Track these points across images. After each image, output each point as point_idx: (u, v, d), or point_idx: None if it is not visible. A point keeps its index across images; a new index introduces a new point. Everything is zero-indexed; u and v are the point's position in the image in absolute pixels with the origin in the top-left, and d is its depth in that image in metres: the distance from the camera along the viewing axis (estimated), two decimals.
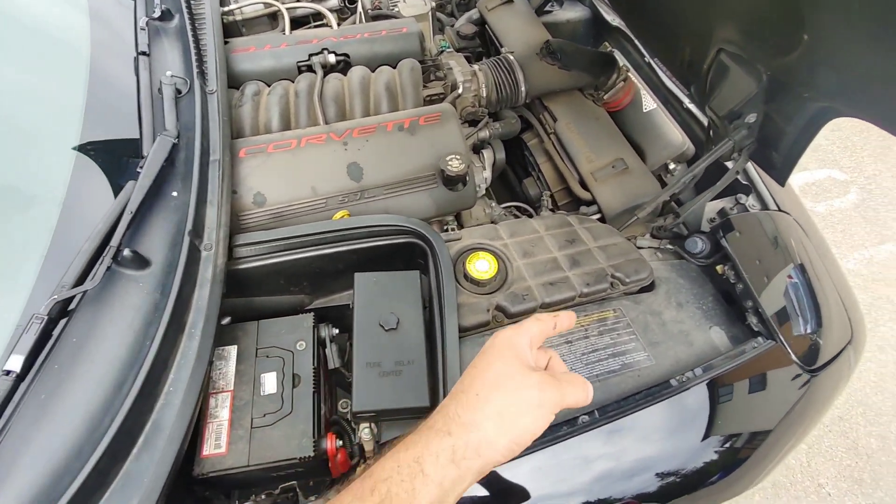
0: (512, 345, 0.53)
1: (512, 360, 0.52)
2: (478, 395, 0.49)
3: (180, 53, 1.07)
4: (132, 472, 0.64)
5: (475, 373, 0.52)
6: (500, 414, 0.48)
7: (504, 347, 0.53)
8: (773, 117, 0.96)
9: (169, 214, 0.84)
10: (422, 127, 1.08)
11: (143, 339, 0.71)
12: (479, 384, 0.51)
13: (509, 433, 0.48)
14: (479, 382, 0.51)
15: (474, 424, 0.48)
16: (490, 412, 0.48)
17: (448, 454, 0.46)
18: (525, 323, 0.56)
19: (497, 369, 0.51)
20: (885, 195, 2.58)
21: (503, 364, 0.52)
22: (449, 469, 0.46)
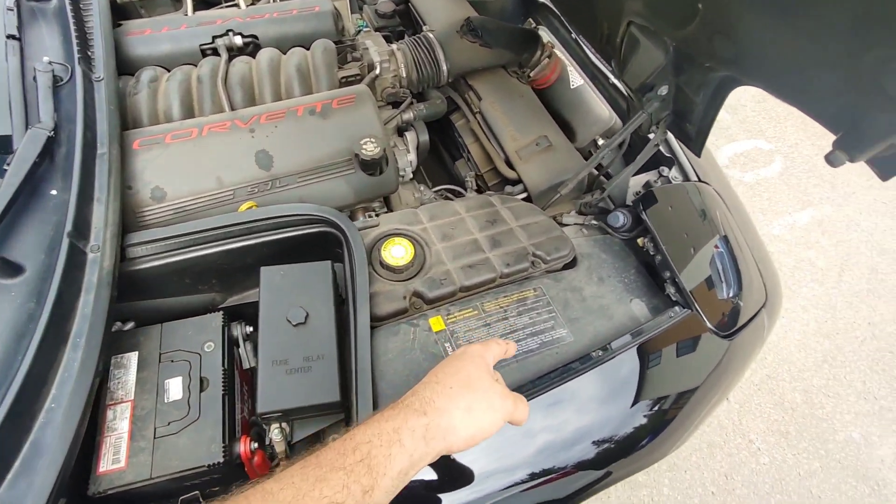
0: (482, 355, 0.62)
1: (482, 367, 0.60)
2: (451, 388, 0.56)
3: (60, 37, 0.97)
4: (6, 501, 0.58)
5: (449, 370, 0.59)
6: (470, 409, 0.55)
7: (476, 356, 0.61)
8: (683, 89, 0.97)
9: (46, 215, 0.76)
10: (335, 110, 1.03)
11: (15, 354, 0.64)
12: (453, 380, 0.57)
13: (472, 426, 0.55)
14: (453, 379, 0.57)
15: (447, 411, 0.54)
16: (461, 404, 0.55)
17: (422, 431, 0.52)
18: (489, 343, 0.65)
19: (470, 372, 0.58)
20: (805, 162, 2.72)
21: (475, 369, 0.59)
22: (420, 444, 0.51)
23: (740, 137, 2.79)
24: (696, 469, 1.71)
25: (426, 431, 0.52)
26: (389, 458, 0.49)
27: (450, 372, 0.58)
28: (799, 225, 2.45)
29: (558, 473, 0.84)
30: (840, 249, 2.38)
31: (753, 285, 1.08)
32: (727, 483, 1.69)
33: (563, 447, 0.86)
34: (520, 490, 0.80)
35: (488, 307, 0.86)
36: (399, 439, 0.50)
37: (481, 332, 0.82)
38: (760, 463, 1.75)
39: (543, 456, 0.84)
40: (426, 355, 0.79)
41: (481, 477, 0.78)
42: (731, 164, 2.67)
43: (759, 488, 1.69)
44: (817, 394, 1.94)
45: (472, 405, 0.55)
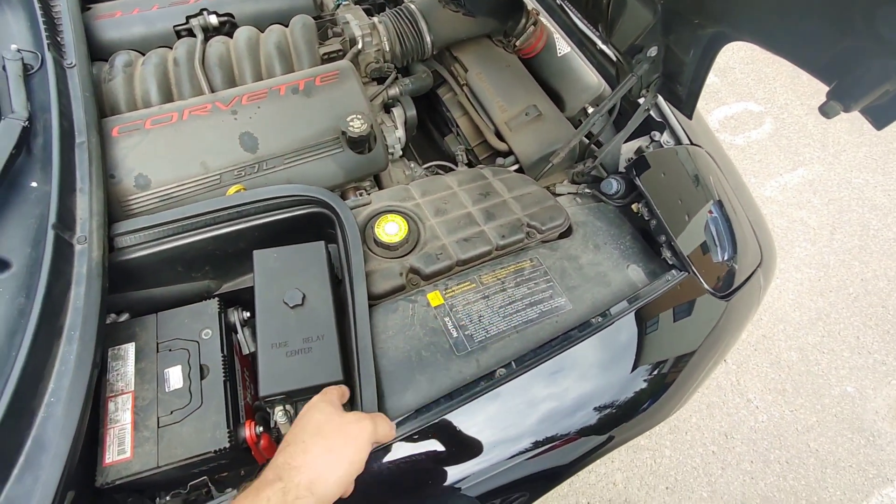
0: (323, 399, 0.63)
1: (326, 408, 0.61)
2: (304, 442, 0.56)
3: (27, 23, 0.93)
4: (14, 497, 0.58)
5: (298, 428, 0.59)
6: (329, 450, 0.56)
7: (317, 402, 0.62)
8: (672, 49, 0.95)
9: (28, 208, 0.74)
10: (318, 87, 1.00)
11: (9, 351, 0.63)
12: (303, 434, 0.57)
13: (339, 467, 0.55)
14: (303, 433, 0.58)
15: (305, 466, 0.54)
16: (318, 452, 0.55)
17: (279, 497, 0.51)
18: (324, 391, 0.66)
19: (316, 419, 0.59)
20: (795, 122, 2.71)
21: (320, 413, 0.60)
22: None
23: (730, 101, 2.77)
24: (697, 430, 1.74)
25: (284, 495, 0.51)
26: None
27: (298, 429, 0.59)
28: (790, 185, 2.46)
29: (562, 440, 0.85)
30: (832, 208, 2.40)
31: (748, 246, 1.09)
32: (727, 442, 1.73)
33: (566, 414, 0.86)
34: (525, 458, 0.81)
35: (486, 279, 0.85)
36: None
37: (480, 305, 0.82)
38: (759, 421, 1.78)
39: (547, 424, 0.84)
40: (426, 330, 0.78)
41: (488, 446, 0.79)
42: (722, 127, 2.66)
43: (759, 445, 1.73)
44: (812, 351, 1.97)
45: (330, 447, 0.56)
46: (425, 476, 0.76)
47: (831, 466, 1.72)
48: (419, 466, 0.75)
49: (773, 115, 2.73)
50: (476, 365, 0.77)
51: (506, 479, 0.80)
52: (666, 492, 1.62)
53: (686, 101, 1.03)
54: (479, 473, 0.78)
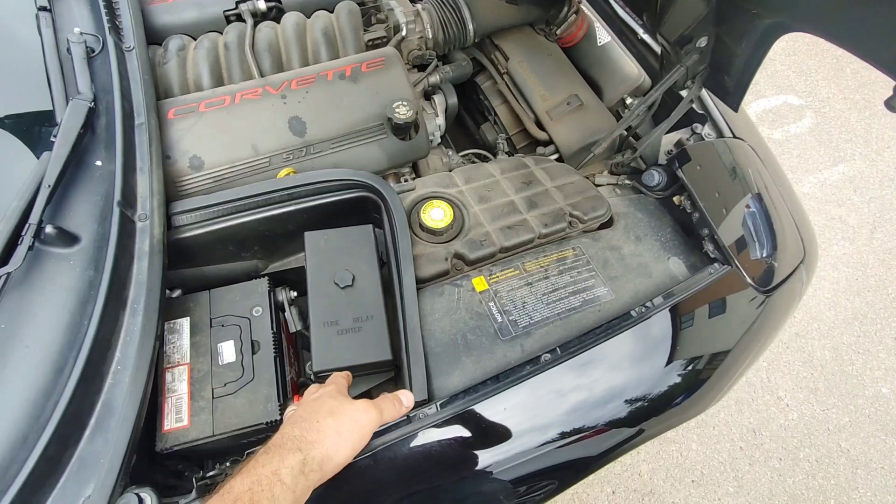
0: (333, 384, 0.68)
1: (337, 395, 0.66)
2: (318, 421, 0.61)
3: (88, 7, 0.96)
4: (86, 456, 0.62)
5: (310, 408, 0.64)
6: (339, 433, 0.61)
7: (328, 389, 0.68)
8: (723, 39, 0.94)
9: (95, 185, 0.77)
10: (365, 74, 1.01)
11: (81, 320, 0.67)
12: (317, 414, 0.62)
13: (345, 447, 0.61)
14: (317, 413, 0.62)
15: (319, 443, 0.59)
16: (330, 433, 0.60)
17: (299, 466, 0.56)
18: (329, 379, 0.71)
19: (329, 404, 0.64)
20: (837, 117, 2.62)
21: (332, 399, 0.65)
22: (300, 478, 0.56)
23: (769, 93, 2.69)
24: (724, 425, 1.73)
25: (303, 466, 0.56)
26: (273, 498, 0.53)
27: (311, 410, 0.63)
28: (830, 182, 2.39)
29: (592, 431, 0.85)
30: (872, 206, 2.32)
31: (790, 242, 1.07)
32: (755, 438, 1.71)
33: (597, 405, 0.87)
34: (555, 447, 0.82)
35: (529, 267, 0.86)
36: (279, 479, 0.54)
37: (524, 291, 0.83)
38: (789, 418, 1.76)
39: (577, 414, 0.85)
40: (471, 314, 0.80)
41: (517, 434, 0.80)
42: (760, 121, 2.59)
43: (788, 443, 1.71)
44: (847, 350, 1.93)
45: (340, 430, 0.61)
46: (461, 457, 0.78)
47: (863, 467, 1.69)
48: (456, 447, 0.77)
49: (813, 109, 2.65)
50: (521, 350, 0.78)
51: (535, 467, 0.81)
52: (692, 485, 1.62)
53: (733, 93, 1.01)
54: (509, 459, 0.79)
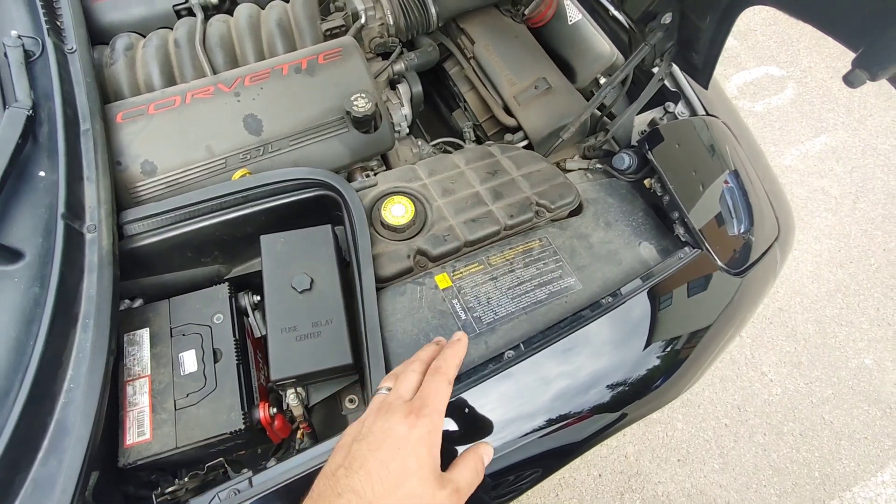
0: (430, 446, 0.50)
1: (429, 475, 0.48)
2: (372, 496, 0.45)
3: (26, 8, 0.92)
4: (40, 478, 0.60)
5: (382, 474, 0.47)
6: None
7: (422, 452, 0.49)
8: (688, 15, 0.91)
9: (37, 198, 0.74)
10: (322, 66, 0.98)
11: (27, 339, 0.65)
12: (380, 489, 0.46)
13: None
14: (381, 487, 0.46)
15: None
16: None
17: None
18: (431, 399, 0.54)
19: (411, 487, 0.47)
20: (819, 87, 2.60)
21: (419, 482, 0.47)
22: None
23: (750, 65, 2.66)
24: (710, 403, 1.75)
25: None
26: None
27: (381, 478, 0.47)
28: (812, 153, 2.38)
29: (575, 418, 0.85)
30: (855, 176, 2.32)
31: (765, 219, 1.06)
32: (740, 415, 1.73)
33: (579, 392, 0.86)
34: (538, 436, 0.82)
35: (494, 260, 0.84)
36: None
37: (488, 286, 0.82)
38: (773, 394, 1.78)
39: (560, 402, 0.85)
40: (434, 313, 0.78)
41: (500, 425, 0.80)
42: (741, 94, 2.57)
43: (772, 417, 1.73)
44: (830, 323, 1.94)
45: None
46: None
47: (846, 438, 1.71)
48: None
49: (795, 80, 2.63)
50: (485, 347, 0.77)
51: (519, 457, 0.81)
52: (677, 464, 1.63)
53: (702, 69, 0.99)
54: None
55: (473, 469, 0.54)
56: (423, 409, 0.52)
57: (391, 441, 0.49)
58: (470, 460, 0.55)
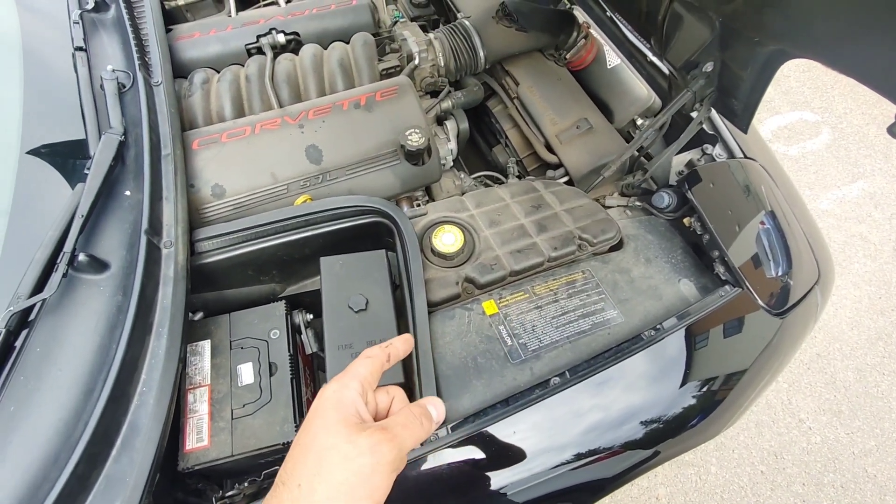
0: (336, 403, 0.48)
1: (335, 426, 0.46)
2: (300, 486, 0.43)
3: (120, 45, 1.02)
4: (113, 475, 0.65)
5: (297, 453, 0.46)
6: (330, 500, 0.42)
7: (327, 409, 0.47)
8: (729, 65, 0.95)
9: (124, 214, 0.82)
10: (379, 103, 1.05)
11: (109, 343, 0.70)
12: (302, 470, 0.44)
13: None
14: (302, 467, 0.45)
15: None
16: (316, 499, 0.42)
17: None
18: (350, 368, 0.52)
19: (321, 443, 0.45)
20: (855, 133, 2.59)
21: (326, 434, 0.45)
22: None
23: (784, 109, 2.68)
24: (745, 448, 1.70)
25: None
26: None
27: (297, 455, 0.46)
28: (849, 198, 2.36)
29: (607, 453, 0.85)
30: (895, 223, 2.28)
31: (804, 262, 1.06)
32: (777, 462, 1.67)
33: (612, 426, 0.87)
34: (570, 468, 0.82)
35: (538, 290, 0.88)
36: None
37: (533, 315, 0.85)
38: (812, 442, 1.72)
39: (592, 435, 0.85)
40: (482, 337, 0.81)
41: (532, 455, 0.81)
42: (775, 137, 2.58)
43: (811, 467, 1.67)
44: (871, 372, 1.88)
45: (331, 495, 0.42)
46: (474, 479, 0.79)
47: (891, 494, 1.64)
48: (468, 470, 0.78)
49: (830, 125, 2.63)
50: (530, 373, 0.79)
51: (550, 489, 0.82)
52: None
53: (741, 115, 1.02)
54: (524, 481, 0.80)
55: (410, 414, 0.50)
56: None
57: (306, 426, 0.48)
58: (408, 406, 0.53)
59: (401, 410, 0.52)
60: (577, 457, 0.83)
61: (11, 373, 0.65)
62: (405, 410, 0.51)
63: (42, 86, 0.93)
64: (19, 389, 0.64)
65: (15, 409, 0.63)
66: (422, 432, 0.50)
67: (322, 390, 0.50)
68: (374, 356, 0.54)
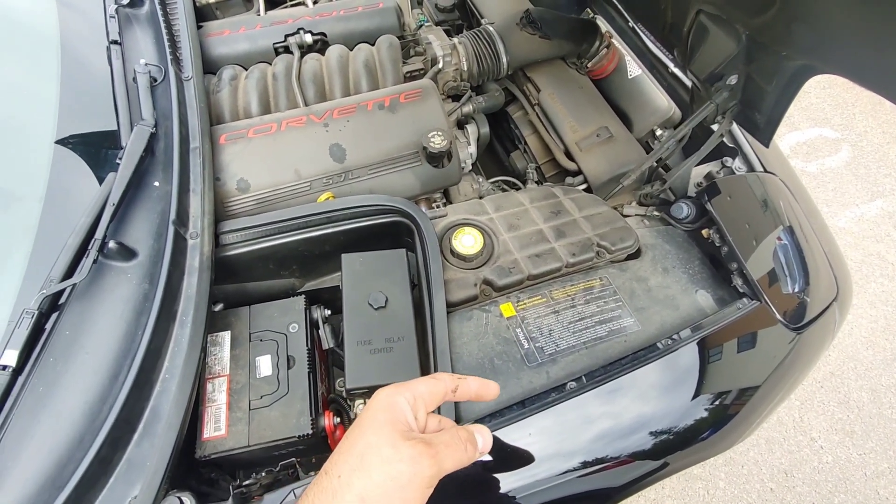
0: (388, 407, 0.48)
1: (384, 427, 0.46)
2: (340, 477, 0.44)
3: (153, 40, 1.05)
4: (134, 458, 0.66)
5: (344, 447, 0.47)
6: (363, 499, 0.42)
7: (379, 410, 0.48)
8: (753, 78, 0.96)
9: (152, 204, 0.84)
10: (403, 104, 1.07)
11: (135, 330, 0.72)
12: (343, 463, 0.45)
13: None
14: (344, 460, 0.46)
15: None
16: (350, 499, 0.43)
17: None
18: (414, 381, 0.52)
19: (367, 441, 0.46)
20: (875, 151, 2.57)
21: (374, 434, 0.46)
22: None
23: (804, 126, 2.66)
24: (754, 464, 1.68)
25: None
26: None
27: (343, 449, 0.47)
28: (867, 217, 2.33)
29: (615, 462, 0.85)
30: None
31: (822, 278, 1.06)
32: (787, 480, 1.65)
33: (621, 435, 0.87)
34: (577, 475, 0.82)
35: (556, 295, 0.88)
36: None
37: (551, 319, 0.85)
38: (823, 461, 1.70)
39: (601, 443, 0.85)
40: (499, 339, 0.82)
41: (542, 459, 0.81)
42: (793, 153, 2.56)
43: (822, 487, 1.65)
44: (886, 393, 1.85)
45: (365, 493, 0.43)
46: (483, 481, 0.79)
47: None
48: (478, 471, 0.78)
49: (850, 143, 2.60)
50: (546, 377, 0.79)
51: (556, 495, 0.81)
52: None
53: (764, 128, 1.02)
54: (529, 486, 0.79)
55: (456, 437, 0.49)
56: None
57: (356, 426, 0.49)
58: (456, 429, 0.52)
59: (447, 430, 0.51)
60: (585, 464, 0.82)
61: (42, 354, 0.67)
62: (452, 431, 0.51)
63: (77, 78, 0.95)
64: (49, 371, 0.66)
65: (44, 389, 0.65)
66: (465, 457, 0.49)
67: (376, 393, 0.51)
68: (440, 379, 0.54)
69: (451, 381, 0.54)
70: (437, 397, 0.53)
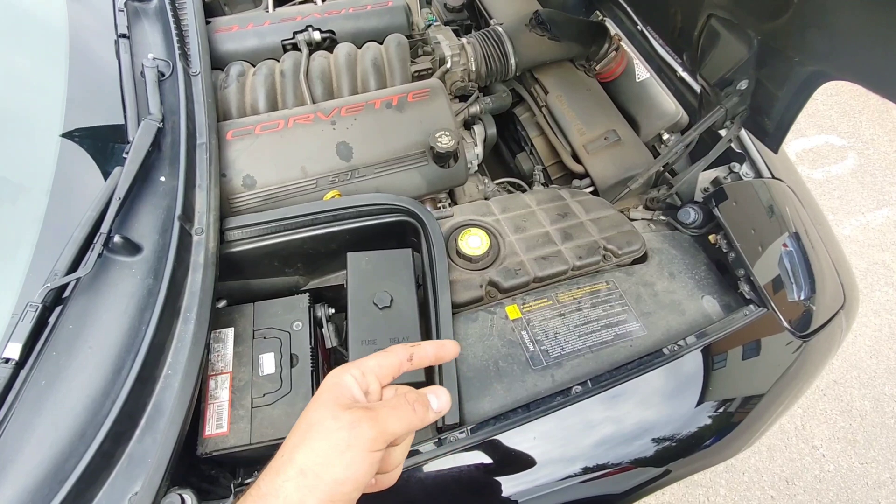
0: (332, 386, 0.48)
1: (326, 403, 0.46)
2: (283, 456, 0.44)
3: (161, 35, 1.05)
4: (136, 454, 0.65)
5: (292, 431, 0.47)
6: (302, 472, 0.42)
7: (324, 391, 0.48)
8: (764, 83, 0.95)
9: (158, 200, 0.83)
10: (410, 104, 1.06)
11: (139, 325, 0.71)
12: (288, 441, 0.46)
13: (315, 490, 0.42)
14: (289, 439, 0.46)
15: (272, 493, 0.42)
16: (291, 473, 0.42)
17: None
18: (363, 359, 0.52)
19: (309, 419, 0.46)
20: (882, 160, 2.56)
21: (316, 411, 0.46)
22: None
23: (810, 132, 2.65)
24: (755, 472, 1.67)
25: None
26: None
27: (290, 434, 0.47)
28: (873, 225, 2.32)
29: (617, 468, 0.84)
30: None
31: (828, 286, 1.05)
32: (788, 488, 1.64)
33: (623, 441, 0.86)
34: (577, 481, 0.81)
35: (562, 298, 0.88)
36: None
37: (556, 322, 0.84)
38: (825, 470, 1.69)
39: (603, 449, 0.85)
40: (504, 342, 0.81)
41: (543, 464, 0.80)
42: (800, 160, 2.55)
43: (823, 496, 1.64)
44: (889, 402, 1.84)
45: (305, 465, 0.42)
46: (485, 485, 0.79)
47: None
48: (479, 474, 0.77)
49: (856, 151, 2.59)
50: (551, 380, 0.79)
51: (557, 500, 0.81)
52: None
53: (773, 134, 1.01)
54: (530, 490, 0.79)
55: (401, 398, 0.49)
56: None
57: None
58: (402, 391, 0.51)
59: (395, 395, 0.51)
60: (586, 470, 0.82)
61: (45, 347, 0.66)
62: (397, 395, 0.50)
63: (85, 71, 0.95)
64: (51, 365, 0.66)
65: (46, 383, 0.65)
66: (414, 418, 0.48)
67: (328, 375, 0.51)
68: (393, 351, 0.53)
69: (403, 351, 0.53)
70: (391, 369, 0.52)
